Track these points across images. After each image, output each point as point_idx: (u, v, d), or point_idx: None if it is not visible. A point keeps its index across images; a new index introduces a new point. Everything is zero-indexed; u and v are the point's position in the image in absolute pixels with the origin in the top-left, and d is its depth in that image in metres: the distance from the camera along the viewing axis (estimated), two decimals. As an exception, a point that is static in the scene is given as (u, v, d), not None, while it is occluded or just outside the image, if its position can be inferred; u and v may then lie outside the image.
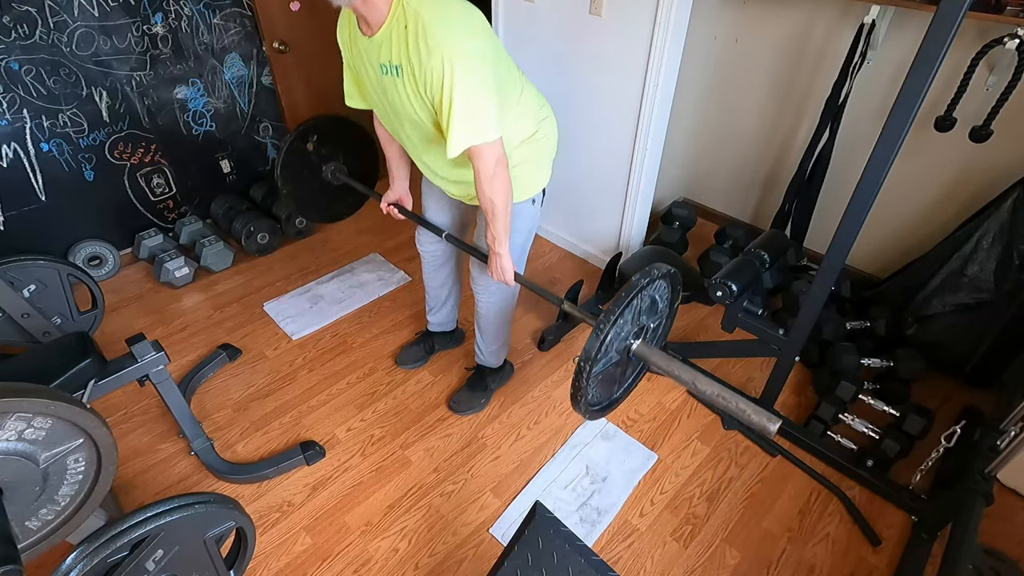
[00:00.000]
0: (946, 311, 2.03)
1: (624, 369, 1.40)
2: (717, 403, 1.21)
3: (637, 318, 1.29)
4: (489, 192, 1.38)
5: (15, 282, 1.94)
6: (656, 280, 1.27)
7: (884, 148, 1.32)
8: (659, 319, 1.40)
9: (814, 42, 2.37)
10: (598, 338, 1.18)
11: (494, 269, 1.55)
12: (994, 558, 1.49)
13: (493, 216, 1.43)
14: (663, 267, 1.29)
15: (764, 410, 1.16)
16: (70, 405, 1.00)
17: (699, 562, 1.60)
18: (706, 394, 1.23)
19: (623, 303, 1.19)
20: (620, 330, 1.24)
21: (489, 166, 1.33)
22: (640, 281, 1.22)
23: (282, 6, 2.60)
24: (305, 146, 2.02)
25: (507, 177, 1.39)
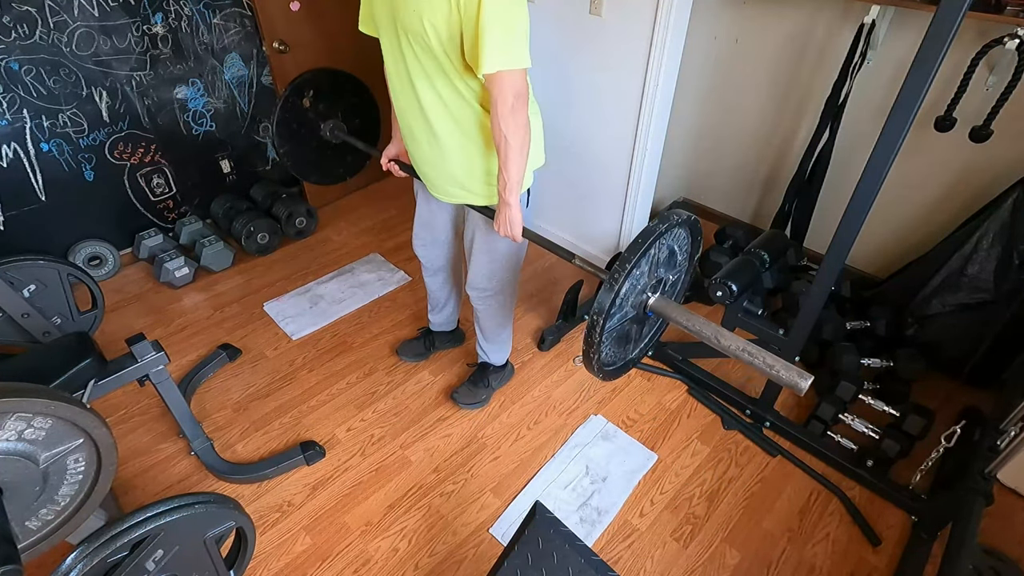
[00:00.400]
0: (946, 311, 2.03)
1: (640, 327, 1.31)
2: (743, 358, 1.12)
3: (655, 269, 1.20)
4: (504, 127, 1.28)
5: (15, 282, 1.94)
6: (675, 227, 1.17)
7: (884, 148, 1.32)
8: (678, 272, 1.31)
9: (814, 42, 2.37)
10: (612, 289, 1.08)
11: (502, 222, 1.43)
12: (994, 558, 1.49)
13: (506, 157, 1.32)
14: (682, 213, 1.19)
15: (794, 366, 1.06)
16: (70, 405, 1.00)
17: (699, 562, 1.60)
18: (730, 349, 1.14)
19: (639, 250, 1.09)
20: (636, 282, 1.15)
21: (509, 97, 1.24)
22: (658, 227, 1.12)
23: (282, 6, 2.60)
24: (301, 102, 1.92)
25: (526, 116, 1.30)
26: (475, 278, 1.75)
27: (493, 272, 1.72)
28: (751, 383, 2.14)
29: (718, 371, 2.15)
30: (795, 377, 1.05)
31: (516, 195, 1.39)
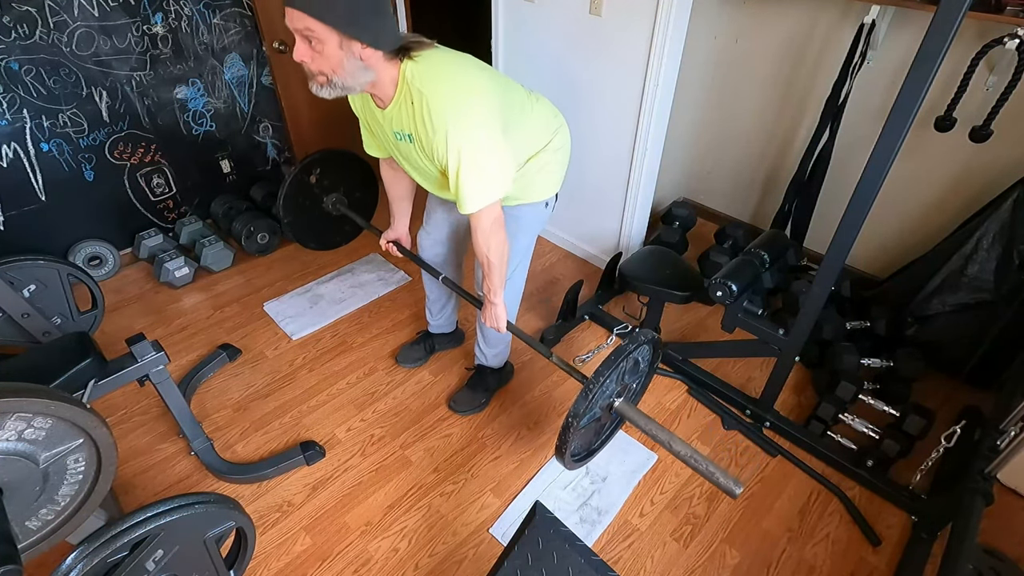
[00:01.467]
0: (946, 311, 2.03)
1: (604, 422, 1.55)
2: (689, 463, 1.33)
3: (621, 378, 1.41)
4: (485, 249, 1.44)
5: (15, 282, 1.94)
6: (642, 345, 1.41)
7: (884, 148, 1.32)
8: (639, 378, 1.57)
9: (814, 42, 2.37)
10: (586, 399, 1.29)
11: (488, 316, 1.63)
12: (994, 558, 1.48)
13: (489, 270, 1.50)
14: (649, 333, 1.43)
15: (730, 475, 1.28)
16: (70, 405, 1.00)
17: (699, 562, 1.60)
18: (680, 454, 1.35)
19: (612, 366, 1.31)
20: (605, 389, 1.36)
21: (486, 226, 1.40)
22: (628, 346, 1.35)
23: (282, 6, 2.59)
24: (309, 179, 2.09)
25: (503, 236, 1.45)
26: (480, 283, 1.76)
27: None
28: (751, 383, 2.14)
29: (718, 371, 2.15)
30: (731, 484, 1.26)
31: (500, 296, 1.57)
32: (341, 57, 1.19)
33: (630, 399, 1.52)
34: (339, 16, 1.14)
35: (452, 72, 1.29)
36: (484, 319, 1.65)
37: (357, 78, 1.24)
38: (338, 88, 1.25)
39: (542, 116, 1.56)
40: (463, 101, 1.26)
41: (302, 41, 1.19)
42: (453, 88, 1.26)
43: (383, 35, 1.21)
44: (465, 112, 1.25)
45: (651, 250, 2.21)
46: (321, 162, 2.09)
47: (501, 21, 2.49)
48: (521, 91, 1.52)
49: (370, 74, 1.25)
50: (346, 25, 1.15)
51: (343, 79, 1.23)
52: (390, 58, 1.25)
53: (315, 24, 1.14)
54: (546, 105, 1.59)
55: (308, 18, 1.14)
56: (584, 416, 1.32)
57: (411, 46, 1.26)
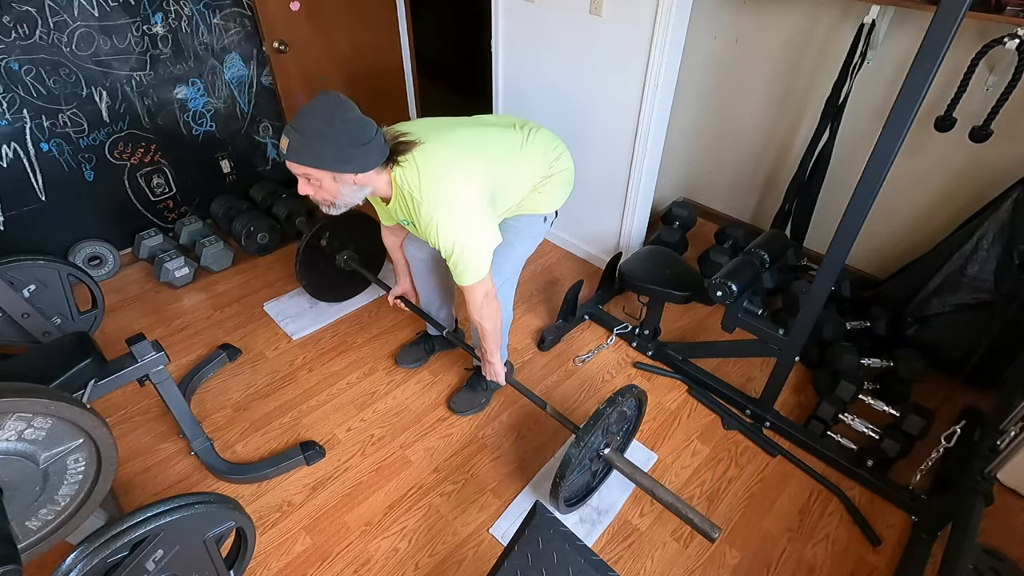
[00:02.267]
0: (946, 311, 2.03)
1: (595, 468, 1.68)
2: (671, 509, 1.47)
3: (608, 430, 1.56)
4: (479, 319, 1.60)
5: (15, 282, 1.94)
6: (630, 398, 1.57)
7: (884, 148, 1.32)
8: (627, 425, 1.73)
9: (814, 42, 2.37)
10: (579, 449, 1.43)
11: (487, 372, 1.79)
12: (994, 558, 1.48)
13: (483, 336, 1.66)
14: (635, 388, 1.58)
15: (706, 519, 1.41)
16: (70, 405, 1.00)
17: (699, 562, 1.60)
18: (663, 500, 1.48)
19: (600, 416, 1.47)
20: (594, 440, 1.51)
21: (478, 299, 1.55)
22: (617, 398, 1.51)
23: (282, 6, 2.60)
24: (319, 243, 2.26)
25: (495, 306, 1.60)
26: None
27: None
28: (751, 383, 2.14)
29: (718, 371, 2.15)
30: (708, 528, 1.39)
31: (497, 356, 1.73)
32: (338, 188, 1.38)
33: (616, 448, 1.65)
34: (328, 161, 1.32)
35: (435, 170, 1.41)
36: (485, 373, 1.81)
37: (356, 196, 1.43)
38: (343, 207, 1.45)
39: (539, 150, 1.66)
40: (447, 198, 1.40)
41: (303, 180, 1.37)
42: (437, 187, 1.40)
43: (370, 158, 1.36)
44: (450, 207, 1.40)
45: (651, 250, 2.21)
46: (330, 227, 2.24)
47: (501, 21, 2.49)
48: (513, 137, 1.62)
49: (366, 189, 1.44)
50: (336, 165, 1.33)
51: (344, 200, 1.43)
52: (381, 170, 1.42)
53: (309, 170, 1.33)
54: (544, 137, 1.69)
55: (302, 167, 1.33)
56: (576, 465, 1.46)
57: (398, 149, 1.41)
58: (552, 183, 1.71)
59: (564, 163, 1.73)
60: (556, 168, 1.70)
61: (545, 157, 1.67)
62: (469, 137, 1.55)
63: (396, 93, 3.32)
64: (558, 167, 1.70)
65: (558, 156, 1.71)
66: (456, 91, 4.58)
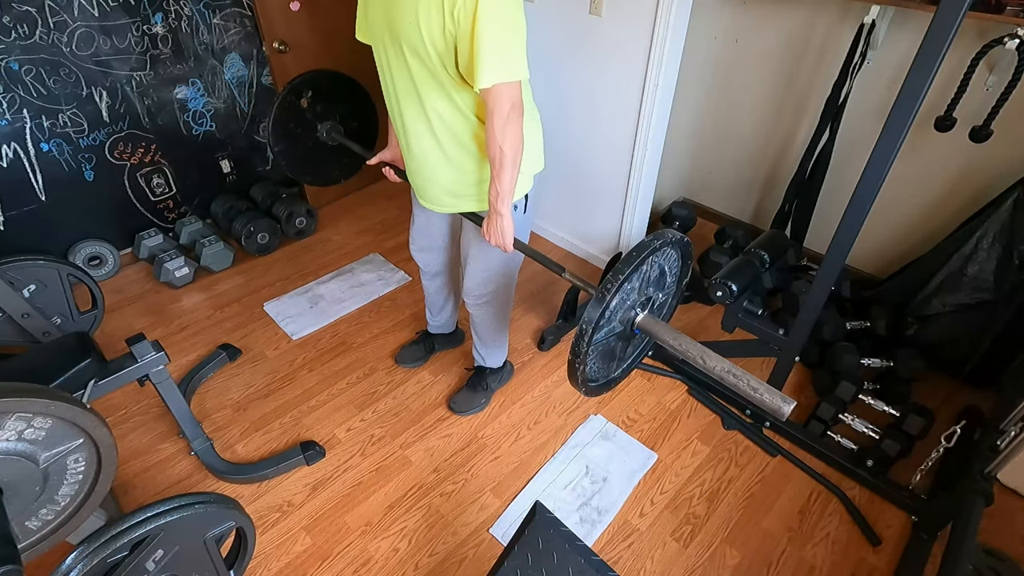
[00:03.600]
0: (946, 311, 2.03)
1: (626, 344, 1.31)
2: (726, 380, 1.12)
3: (644, 287, 1.20)
4: (500, 139, 1.28)
5: (15, 282, 1.94)
6: (668, 246, 1.18)
7: (884, 148, 1.32)
8: (667, 294, 1.31)
9: (814, 42, 2.36)
10: (602, 302, 1.08)
11: (493, 232, 1.42)
12: (994, 558, 1.49)
13: (500, 167, 1.32)
14: (676, 233, 1.20)
15: (777, 390, 1.08)
16: (70, 405, 1.00)
17: (699, 562, 1.60)
18: (715, 370, 1.14)
19: (632, 264, 1.09)
20: (626, 297, 1.15)
21: (505, 108, 1.24)
22: (652, 242, 1.12)
23: (282, 6, 2.60)
24: (299, 102, 1.90)
25: (520, 126, 1.30)
26: (471, 285, 1.75)
27: (488, 279, 1.72)
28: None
29: (718, 371, 2.15)
30: (778, 401, 1.07)
31: (508, 205, 1.38)
32: None
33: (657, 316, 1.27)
34: None
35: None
36: (488, 235, 1.45)
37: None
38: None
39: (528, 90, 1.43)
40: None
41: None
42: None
43: None
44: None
45: (651, 250, 2.20)
46: (312, 83, 1.89)
47: (501, 21, 2.49)
48: None
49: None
50: None
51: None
52: None
53: None
54: None
55: None
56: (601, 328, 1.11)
57: None
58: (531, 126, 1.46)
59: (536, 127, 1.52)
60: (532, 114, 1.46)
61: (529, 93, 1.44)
62: None
63: (396, 93, 3.32)
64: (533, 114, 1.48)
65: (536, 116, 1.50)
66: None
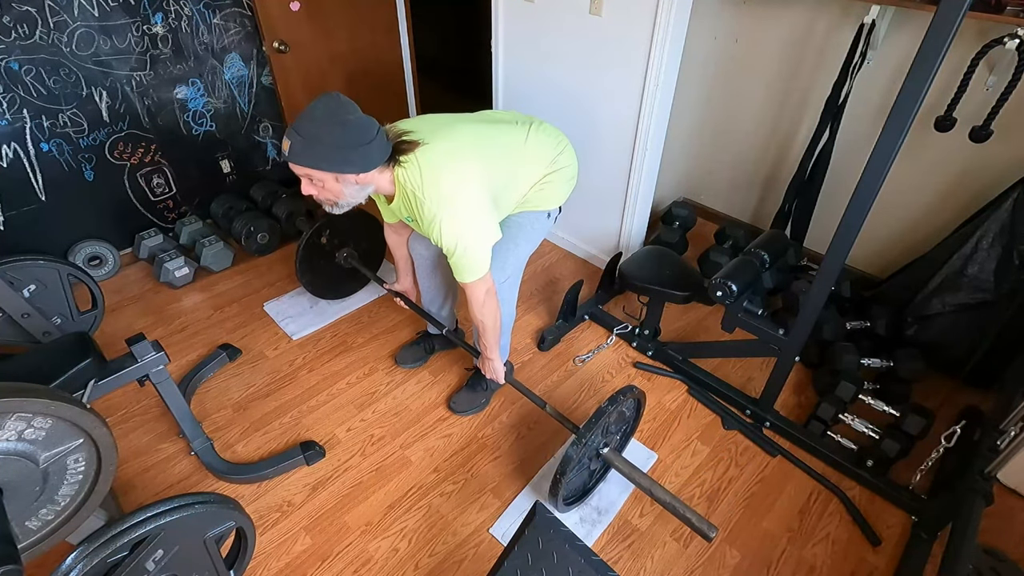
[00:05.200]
0: (946, 311, 2.03)
1: (593, 468, 1.68)
2: (669, 509, 1.49)
3: (607, 430, 1.57)
4: (480, 316, 1.61)
5: (15, 282, 1.94)
6: (628, 400, 1.56)
7: (884, 148, 1.32)
8: (625, 426, 1.73)
9: (814, 42, 2.37)
10: (578, 449, 1.43)
11: (486, 369, 1.80)
12: (994, 558, 1.48)
13: (483, 332, 1.67)
14: (635, 389, 1.59)
15: (704, 519, 1.42)
16: (70, 405, 1.00)
17: (699, 562, 1.60)
18: (661, 500, 1.50)
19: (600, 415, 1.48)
20: (594, 439, 1.51)
21: (479, 296, 1.56)
22: (618, 398, 1.52)
23: (282, 6, 2.60)
24: (320, 241, 2.27)
25: (495, 304, 1.62)
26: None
27: None
28: (751, 383, 2.14)
29: (718, 371, 2.15)
30: (705, 528, 1.40)
31: (496, 352, 1.74)
32: (340, 188, 1.40)
33: (615, 448, 1.68)
34: (330, 162, 1.34)
35: (437, 169, 1.42)
36: (483, 369, 1.81)
37: (358, 196, 1.45)
38: (345, 206, 1.47)
39: (542, 146, 1.66)
40: (449, 197, 1.42)
41: (305, 180, 1.39)
42: (439, 186, 1.42)
43: (372, 158, 1.38)
44: (453, 206, 1.42)
45: (651, 250, 2.21)
46: (330, 224, 2.25)
47: (501, 21, 2.49)
48: (515, 133, 1.63)
49: (369, 188, 1.45)
50: (338, 166, 1.35)
51: (347, 200, 1.45)
52: (383, 169, 1.42)
53: (312, 171, 1.35)
54: (547, 132, 1.69)
55: (304, 168, 1.35)
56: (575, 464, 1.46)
57: (400, 148, 1.42)
58: (555, 179, 1.70)
59: (567, 159, 1.73)
60: (559, 164, 1.70)
61: (548, 153, 1.68)
62: (472, 135, 1.55)
63: (396, 93, 3.32)
64: (561, 163, 1.70)
65: (561, 151, 1.71)
66: (456, 91, 4.58)
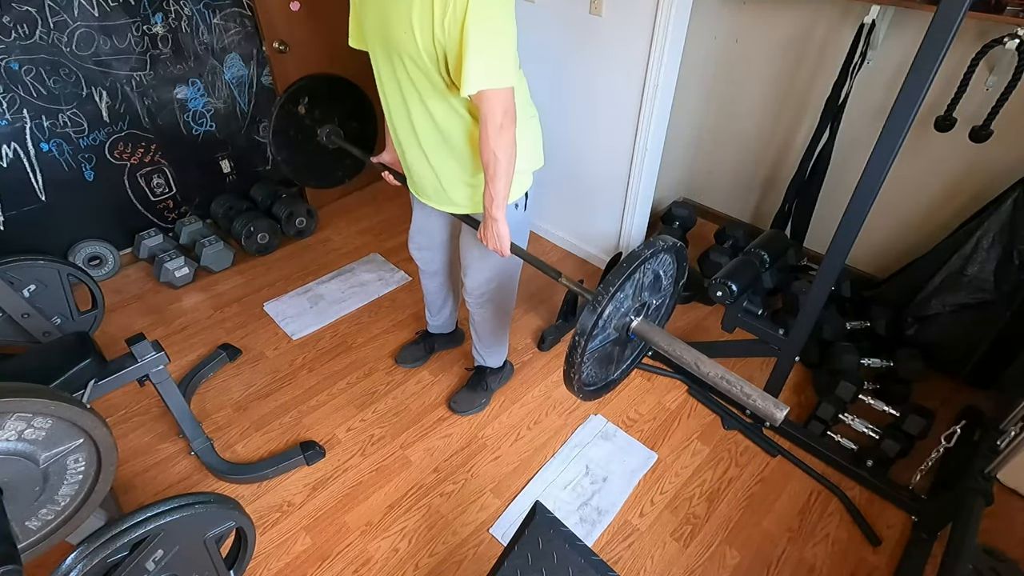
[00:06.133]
0: (946, 311, 2.03)
1: (622, 348, 1.33)
2: (720, 386, 1.14)
3: (639, 293, 1.21)
4: (494, 145, 1.28)
5: (15, 282, 1.94)
6: (661, 252, 1.19)
7: (884, 148, 1.32)
8: (662, 297, 1.32)
9: (814, 42, 2.37)
10: (594, 312, 1.10)
11: (489, 236, 1.43)
12: (994, 558, 1.48)
13: (494, 174, 1.32)
14: (668, 239, 1.21)
15: (770, 396, 1.09)
16: (70, 405, 1.00)
17: (699, 562, 1.60)
18: (709, 376, 1.15)
19: (624, 273, 1.11)
20: (620, 304, 1.17)
21: (498, 115, 1.24)
22: (643, 252, 1.14)
23: (282, 6, 2.60)
24: (297, 109, 1.90)
25: (513, 132, 1.30)
26: (472, 285, 1.74)
27: (490, 279, 1.71)
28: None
29: (718, 371, 2.15)
30: (771, 407, 1.08)
31: (502, 210, 1.38)
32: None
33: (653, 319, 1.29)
34: None
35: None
36: (484, 239, 1.45)
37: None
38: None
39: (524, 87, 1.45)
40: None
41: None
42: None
43: None
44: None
45: (651, 250, 2.20)
46: (309, 89, 1.89)
47: (501, 21, 2.49)
48: None
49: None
50: None
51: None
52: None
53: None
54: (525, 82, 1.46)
55: None
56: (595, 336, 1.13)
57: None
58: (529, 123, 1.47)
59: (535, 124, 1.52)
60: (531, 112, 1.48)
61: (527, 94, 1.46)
62: None
63: (396, 93, 3.32)
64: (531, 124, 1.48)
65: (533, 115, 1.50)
66: (456, 91, 4.57)
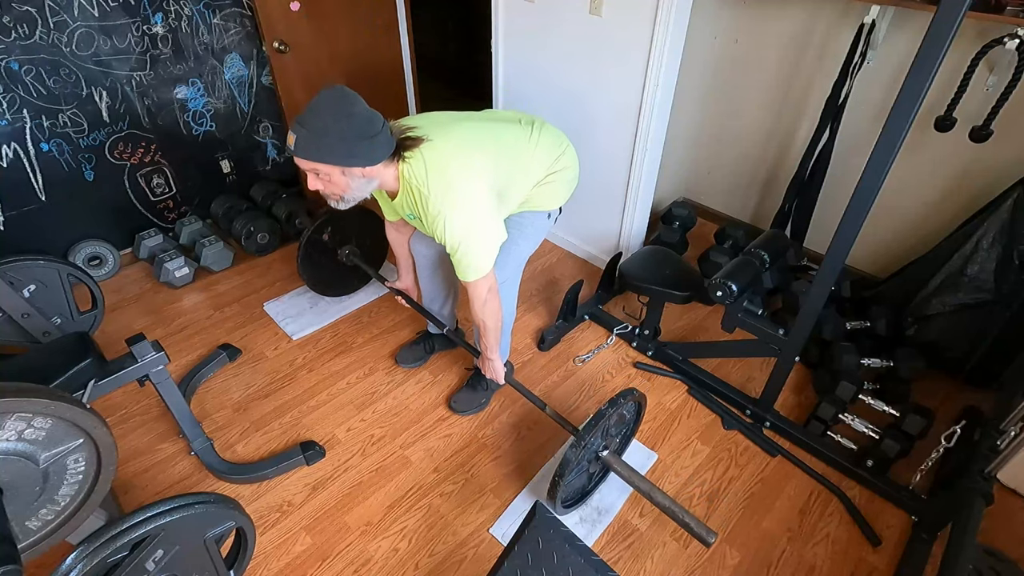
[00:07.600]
0: (946, 311, 2.03)
1: (593, 470, 1.68)
2: (667, 513, 1.49)
3: (607, 432, 1.57)
4: (481, 315, 1.60)
5: (15, 282, 1.94)
6: (628, 403, 1.56)
7: (884, 148, 1.32)
8: (625, 428, 1.72)
9: (814, 42, 2.37)
10: (577, 451, 1.44)
11: (486, 369, 1.79)
12: (994, 558, 1.48)
13: (484, 332, 1.66)
14: (635, 392, 1.57)
15: (703, 524, 1.43)
16: (70, 405, 1.00)
17: (699, 562, 1.60)
18: (660, 504, 1.51)
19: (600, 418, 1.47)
20: (593, 442, 1.51)
21: (481, 294, 1.55)
22: (619, 400, 1.52)
23: (282, 6, 2.60)
24: (322, 237, 2.26)
25: (497, 303, 1.61)
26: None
27: None
28: (751, 383, 2.14)
29: (718, 371, 2.15)
30: (704, 533, 1.41)
31: (496, 352, 1.73)
32: (347, 181, 1.39)
33: (615, 450, 1.67)
34: (336, 155, 1.33)
35: (442, 165, 1.43)
36: (483, 369, 1.80)
37: (364, 190, 1.44)
38: (351, 201, 1.46)
39: (545, 147, 1.67)
40: (454, 192, 1.42)
41: (311, 175, 1.37)
42: (444, 182, 1.42)
43: (377, 151, 1.37)
44: (457, 202, 1.42)
45: (651, 250, 2.21)
46: (332, 221, 2.24)
47: (501, 21, 2.49)
48: (520, 132, 1.63)
49: (374, 182, 1.44)
50: (344, 159, 1.34)
51: (353, 194, 1.44)
52: (388, 163, 1.41)
53: (318, 166, 1.34)
54: (550, 133, 1.70)
55: (310, 162, 1.33)
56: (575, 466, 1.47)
57: (405, 144, 1.42)
58: (557, 179, 1.71)
59: (569, 160, 1.74)
60: (561, 164, 1.71)
61: (551, 153, 1.68)
62: (476, 132, 1.56)
63: (396, 93, 3.32)
64: (563, 163, 1.71)
65: (563, 152, 1.72)
66: (456, 91, 4.58)
